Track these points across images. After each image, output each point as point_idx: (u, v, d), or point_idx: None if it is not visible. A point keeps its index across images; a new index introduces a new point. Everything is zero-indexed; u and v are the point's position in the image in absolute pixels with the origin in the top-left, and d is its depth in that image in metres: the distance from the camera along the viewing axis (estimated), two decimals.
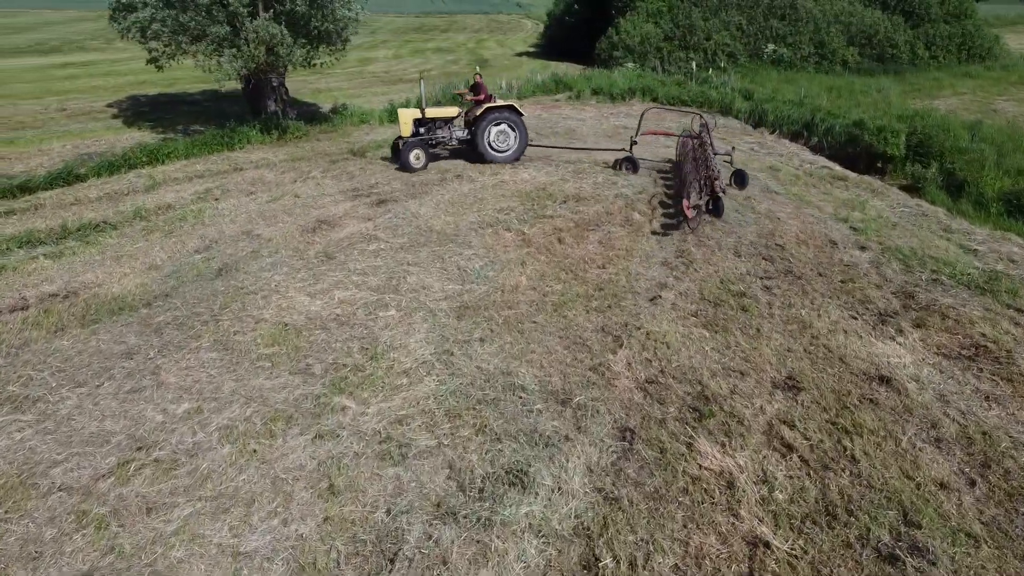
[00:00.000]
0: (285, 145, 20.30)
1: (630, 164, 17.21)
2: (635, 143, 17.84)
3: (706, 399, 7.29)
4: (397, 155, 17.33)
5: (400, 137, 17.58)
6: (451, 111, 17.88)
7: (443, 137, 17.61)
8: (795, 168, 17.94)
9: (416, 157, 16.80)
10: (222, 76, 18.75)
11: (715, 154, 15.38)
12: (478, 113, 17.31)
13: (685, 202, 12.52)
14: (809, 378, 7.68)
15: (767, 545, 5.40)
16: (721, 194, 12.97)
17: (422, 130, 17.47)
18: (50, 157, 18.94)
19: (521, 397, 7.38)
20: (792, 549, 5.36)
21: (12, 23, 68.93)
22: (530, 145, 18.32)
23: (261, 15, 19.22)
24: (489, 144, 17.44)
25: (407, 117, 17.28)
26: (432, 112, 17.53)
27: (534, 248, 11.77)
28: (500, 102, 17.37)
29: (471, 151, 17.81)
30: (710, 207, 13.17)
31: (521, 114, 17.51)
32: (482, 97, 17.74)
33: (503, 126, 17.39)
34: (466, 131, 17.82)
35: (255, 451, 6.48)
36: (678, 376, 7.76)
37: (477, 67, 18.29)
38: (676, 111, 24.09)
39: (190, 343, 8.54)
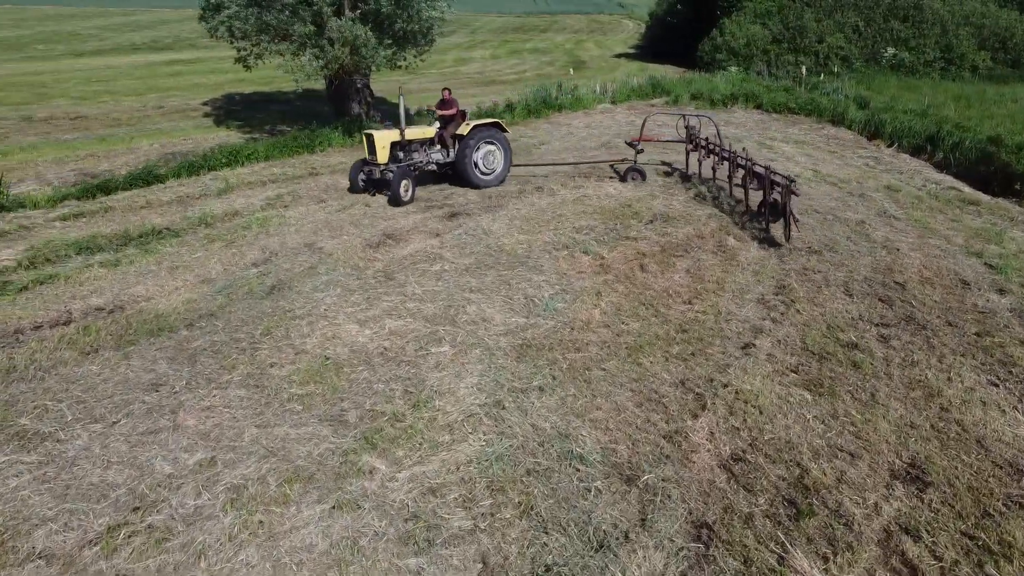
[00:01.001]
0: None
1: (638, 173, 16.04)
2: (641, 151, 16.69)
3: (805, 489, 5.94)
4: (358, 186, 15.19)
5: (365, 162, 15.09)
6: (428, 131, 15.64)
7: (420, 161, 15.37)
8: (917, 188, 15.99)
9: (406, 189, 14.37)
10: (302, 77, 18.31)
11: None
12: (462, 131, 15.40)
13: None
14: (938, 467, 6.21)
15: None
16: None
17: (401, 155, 15.14)
18: (136, 156, 18.99)
19: (579, 470, 6.22)
20: None
21: (131, 21, 72.32)
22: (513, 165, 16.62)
23: (346, 14, 18.67)
24: (476, 167, 15.55)
25: (385, 141, 14.74)
26: (411, 133, 15.27)
27: (612, 276, 10.56)
28: (476, 121, 15.69)
29: (448, 175, 16.06)
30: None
31: (506, 131, 15.93)
32: (453, 112, 15.67)
33: (492, 146, 15.57)
34: (445, 153, 15.78)
35: (261, 522, 5.58)
36: (771, 453, 6.42)
37: (446, 87, 16.33)
38: (693, 115, 22.52)
39: (221, 375, 7.78)
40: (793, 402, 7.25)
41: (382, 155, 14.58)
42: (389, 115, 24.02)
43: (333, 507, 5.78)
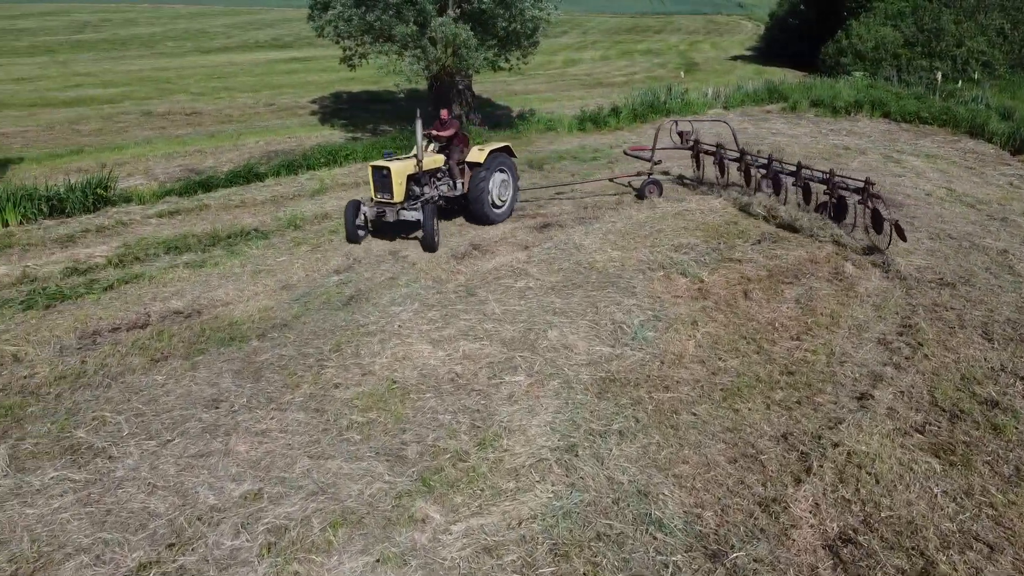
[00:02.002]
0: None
1: (655, 186, 14.74)
2: (658, 162, 15.31)
3: None
4: (356, 235, 12.19)
5: (375, 201, 12.14)
6: (438, 159, 12.87)
7: (431, 195, 12.61)
8: None
9: (437, 230, 11.93)
10: (402, 81, 18.08)
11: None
12: (476, 158, 12.80)
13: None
14: None
15: None
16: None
17: (417, 190, 12.45)
18: (240, 153, 19.27)
19: (656, 538, 5.42)
20: None
21: (257, 19, 75.27)
22: None
23: (449, 12, 18.30)
24: (492, 198, 13.06)
25: (402, 176, 11.92)
26: (427, 163, 12.47)
27: (711, 302, 9.63)
28: (492, 145, 13.24)
29: (455, 209, 13.47)
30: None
31: (515, 156, 13.64)
32: (451, 133, 12.99)
33: (504, 174, 13.16)
34: (453, 184, 13.06)
35: (297, 573, 5.07)
36: (889, 537, 5.42)
37: (444, 107, 14.11)
38: (709, 120, 21.01)
39: (283, 395, 7.39)
40: (918, 471, 6.18)
41: (399, 192, 11.88)
42: (489, 118, 23.61)
43: (377, 560, 5.21)
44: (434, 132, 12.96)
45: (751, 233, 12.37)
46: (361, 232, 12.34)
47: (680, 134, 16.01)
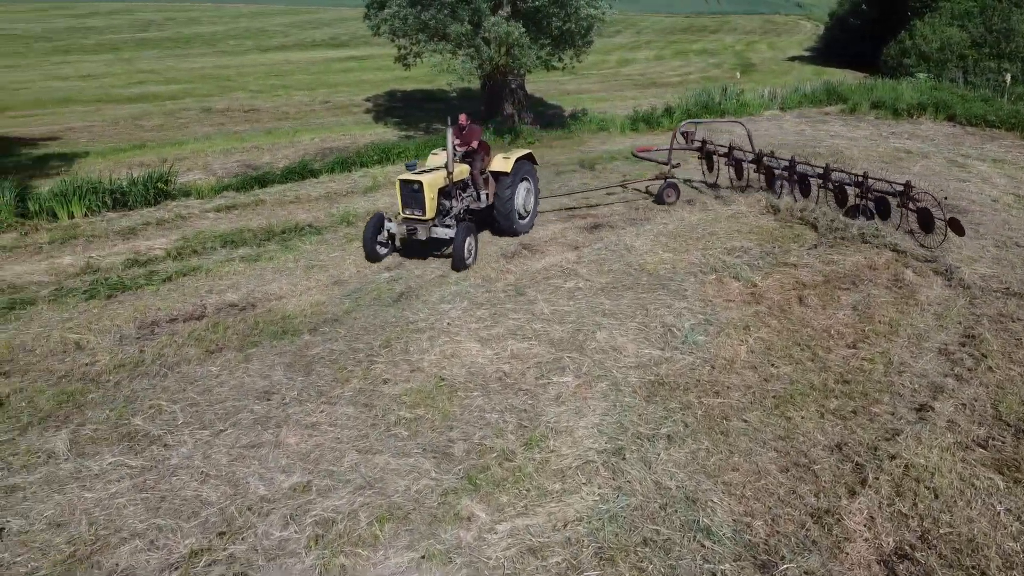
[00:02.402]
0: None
1: (673, 190, 14.33)
2: (676, 165, 14.80)
3: None
4: (377, 254, 11.21)
5: (404, 217, 11.09)
6: (463, 170, 11.74)
7: (457, 208, 11.66)
8: None
9: (470, 249, 11.01)
10: (454, 80, 18.17)
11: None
12: (500, 167, 11.91)
13: None
14: None
15: None
16: None
17: (446, 203, 11.42)
18: (296, 150, 19.60)
19: (704, 546, 5.33)
20: None
21: (315, 19, 76.43)
22: None
23: (504, 9, 18.33)
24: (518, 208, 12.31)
25: (434, 189, 10.92)
26: (457, 173, 11.46)
27: (765, 307, 9.44)
28: (517, 152, 12.34)
29: (477, 221, 12.12)
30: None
31: (536, 163, 12.93)
32: (475, 145, 12.05)
33: (528, 183, 12.43)
34: (477, 195, 12.12)
35: (344, 567, 5.11)
36: (947, 554, 5.23)
37: (464, 111, 12.62)
38: (727, 122, 20.66)
39: (333, 389, 7.48)
40: (979, 487, 5.95)
41: (431, 207, 10.87)
42: (541, 117, 23.56)
43: (423, 557, 5.23)
44: (456, 142, 11.78)
45: (806, 238, 12.10)
46: (383, 250, 11.32)
47: (684, 134, 15.58)
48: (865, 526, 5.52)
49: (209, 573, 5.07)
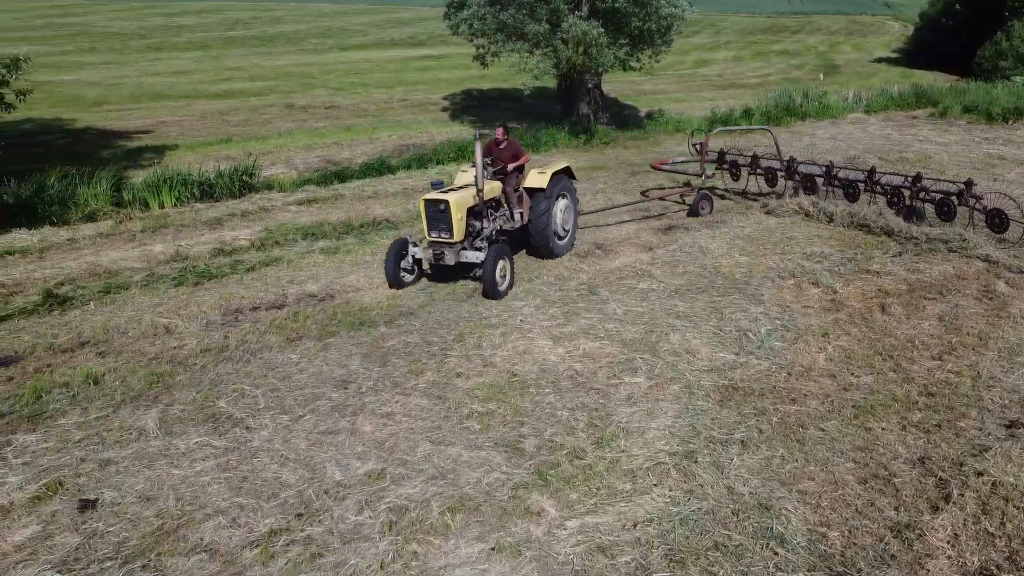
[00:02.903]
0: (589, 151, 19.28)
1: (707, 201, 13.72)
2: (711, 175, 14.43)
3: None
4: (401, 281, 10.19)
5: (431, 241, 10.10)
6: (495, 187, 10.79)
7: (488, 230, 10.66)
8: None
9: (503, 274, 9.88)
10: (529, 79, 18.25)
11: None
12: (536, 183, 10.97)
13: None
14: None
15: None
16: None
17: (476, 224, 10.42)
18: (374, 147, 20.01)
19: (777, 554, 5.23)
20: None
21: (394, 18, 77.73)
22: None
23: (583, 9, 18.30)
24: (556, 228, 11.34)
25: (462, 209, 9.96)
26: (488, 191, 10.48)
27: (845, 315, 9.18)
28: (553, 167, 11.28)
29: (512, 242, 11.04)
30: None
31: (575, 177, 11.98)
32: (520, 161, 11.08)
33: (566, 200, 11.45)
34: (511, 215, 11.08)
35: (416, 553, 5.22)
36: None
37: (501, 123, 11.65)
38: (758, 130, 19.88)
39: (408, 380, 7.63)
40: None
41: (459, 229, 9.94)
42: (616, 117, 23.43)
43: (493, 548, 5.29)
44: (492, 159, 10.93)
45: (890, 245, 11.71)
46: (408, 276, 10.31)
47: (695, 145, 14.90)
48: (948, 543, 5.32)
49: (287, 552, 5.24)
